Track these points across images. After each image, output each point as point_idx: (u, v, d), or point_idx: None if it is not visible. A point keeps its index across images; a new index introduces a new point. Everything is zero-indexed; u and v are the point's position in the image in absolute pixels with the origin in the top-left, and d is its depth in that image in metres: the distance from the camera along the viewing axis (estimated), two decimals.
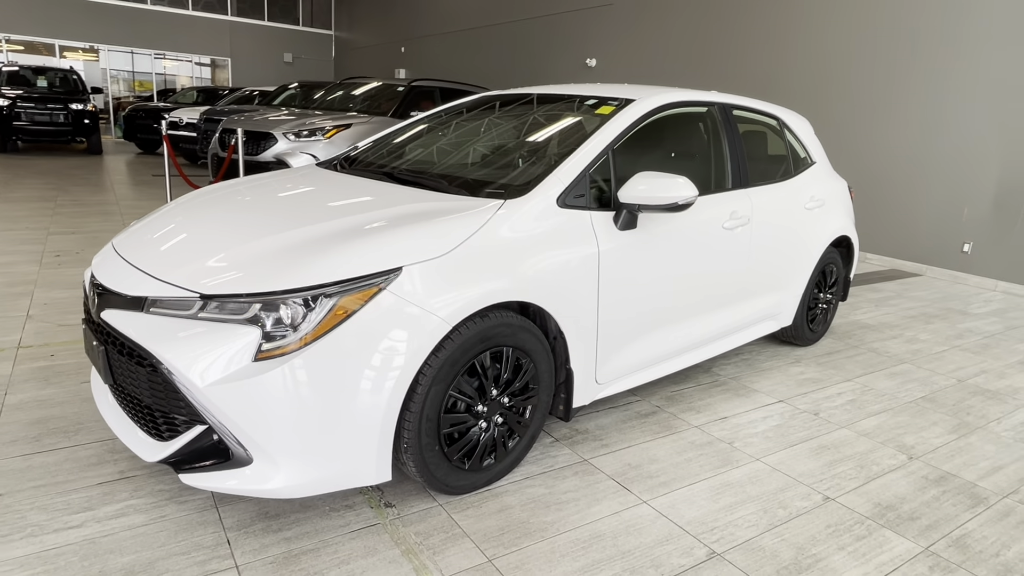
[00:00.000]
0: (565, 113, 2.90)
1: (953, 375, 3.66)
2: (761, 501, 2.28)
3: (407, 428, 1.93)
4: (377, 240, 1.92)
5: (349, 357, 1.78)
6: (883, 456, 2.67)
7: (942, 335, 4.41)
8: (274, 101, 10.92)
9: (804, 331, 3.86)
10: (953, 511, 2.30)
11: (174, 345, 1.77)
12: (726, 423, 2.87)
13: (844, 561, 1.98)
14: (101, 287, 2.04)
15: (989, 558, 2.05)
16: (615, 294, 2.45)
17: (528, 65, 11.22)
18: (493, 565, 1.86)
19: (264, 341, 1.76)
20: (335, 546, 1.90)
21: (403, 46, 14.87)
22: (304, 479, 1.81)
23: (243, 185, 2.67)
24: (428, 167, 2.77)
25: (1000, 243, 5.90)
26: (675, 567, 1.90)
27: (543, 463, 2.44)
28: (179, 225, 2.25)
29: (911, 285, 5.92)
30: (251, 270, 1.84)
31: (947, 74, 6.05)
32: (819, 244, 3.69)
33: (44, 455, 2.26)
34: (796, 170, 3.62)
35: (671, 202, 2.35)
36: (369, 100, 8.11)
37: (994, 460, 2.70)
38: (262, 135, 6.69)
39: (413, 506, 2.12)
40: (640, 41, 9.15)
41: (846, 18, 6.76)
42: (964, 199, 6.09)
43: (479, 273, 2.02)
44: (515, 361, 2.17)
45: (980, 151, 5.93)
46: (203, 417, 1.78)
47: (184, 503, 2.05)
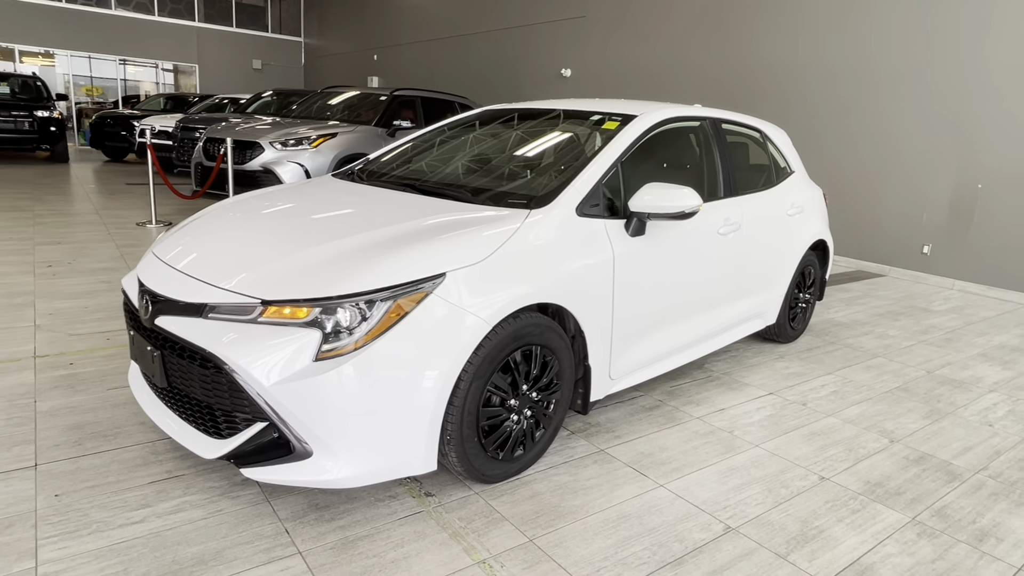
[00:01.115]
0: (573, 128, 3.10)
1: (922, 367, 3.97)
2: (765, 482, 2.50)
3: (450, 421, 2.09)
4: (423, 248, 2.08)
5: (402, 356, 1.94)
6: (868, 440, 2.93)
7: (909, 331, 4.75)
8: (248, 109, 10.92)
9: (786, 329, 4.14)
10: (933, 486, 2.56)
11: (239, 348, 1.90)
12: (724, 414, 3.10)
13: (843, 531, 2.21)
14: (154, 295, 2.15)
15: (967, 525, 2.31)
16: (627, 295, 2.66)
17: (504, 75, 11.43)
18: (535, 544, 2.03)
19: (324, 342, 1.91)
20: (387, 532, 2.04)
21: (376, 54, 14.94)
22: (360, 470, 1.96)
23: (273, 196, 2.80)
24: (449, 179, 2.94)
25: (956, 245, 6.33)
26: (697, 540, 2.11)
27: (563, 454, 2.62)
28: (222, 235, 2.37)
29: (877, 285, 6.30)
30: (308, 277, 1.99)
31: (903, 84, 6.47)
32: (799, 248, 3.97)
33: (89, 458, 2.35)
34: (778, 179, 3.89)
35: (679, 210, 2.57)
36: (351, 109, 8.21)
37: (964, 441, 2.98)
38: (248, 144, 6.74)
39: (451, 495, 2.27)
40: (613, 52, 9.45)
41: (810, 32, 7.15)
42: (923, 204, 6.51)
43: (512, 277, 2.19)
44: (542, 359, 2.35)
45: (937, 159, 6.35)
46: (266, 414, 1.92)
47: (237, 498, 2.17)
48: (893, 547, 2.15)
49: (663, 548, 2.06)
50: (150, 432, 2.56)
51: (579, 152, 2.85)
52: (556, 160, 2.87)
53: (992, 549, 2.17)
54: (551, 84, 10.50)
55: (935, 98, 6.27)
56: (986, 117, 5.97)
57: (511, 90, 11.28)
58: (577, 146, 2.93)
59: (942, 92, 6.22)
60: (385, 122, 7.80)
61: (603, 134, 2.92)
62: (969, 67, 6.02)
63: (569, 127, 3.12)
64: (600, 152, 2.72)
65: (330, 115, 8.10)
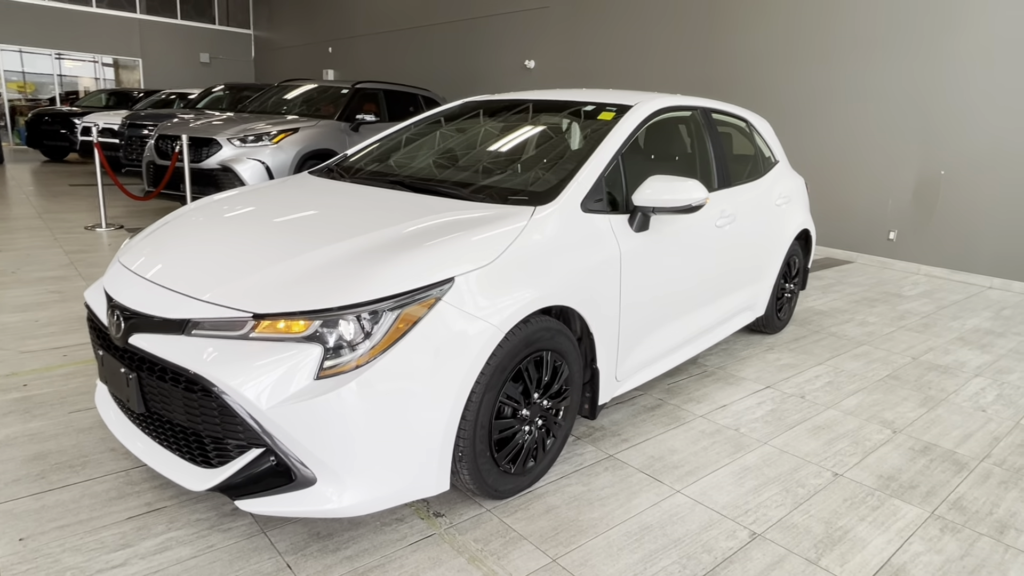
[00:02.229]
0: (566, 119, 2.96)
1: (907, 353, 4.00)
2: (780, 482, 2.43)
3: (462, 437, 1.94)
4: (430, 251, 1.92)
5: (412, 370, 1.78)
6: (871, 432, 2.90)
7: (887, 317, 4.80)
8: (198, 104, 10.43)
9: (774, 320, 4.11)
10: (943, 477, 2.54)
11: (229, 367, 1.70)
12: (727, 411, 3.03)
13: (868, 531, 2.15)
14: (127, 310, 1.93)
15: (985, 516, 2.28)
16: (633, 294, 2.55)
17: (465, 66, 11.22)
18: (559, 564, 1.91)
19: (326, 358, 1.73)
20: (399, 560, 1.88)
21: (331, 46, 14.50)
22: (369, 496, 1.79)
23: (250, 197, 2.58)
24: (440, 175, 2.77)
25: (921, 231, 6.46)
26: (725, 550, 2.01)
27: (572, 461, 2.50)
28: (198, 241, 2.16)
29: (847, 272, 6.38)
30: (305, 286, 1.80)
31: (868, 77, 6.56)
32: (786, 238, 3.94)
33: (56, 493, 2.11)
34: (765, 169, 3.84)
35: (685, 204, 2.46)
36: (311, 103, 7.89)
37: (963, 428, 2.98)
38: (204, 141, 6.39)
39: (462, 514, 2.13)
40: (577, 43, 9.35)
41: (778, 24, 7.19)
42: (888, 192, 6.62)
43: (522, 279, 2.05)
44: (553, 364, 2.22)
45: (901, 148, 6.46)
46: (263, 440, 1.73)
47: (228, 530, 1.98)
48: (920, 545, 2.10)
49: (692, 560, 1.96)
50: (123, 459, 2.33)
51: (575, 145, 2.72)
52: (553, 154, 2.73)
53: (1015, 541, 2.15)
54: (515, 76, 10.34)
55: (899, 90, 6.37)
56: (947, 108, 6.09)
57: (473, 83, 11.07)
58: (573, 138, 2.80)
59: (905, 85, 6.32)
60: (348, 116, 7.53)
61: (599, 125, 2.79)
62: (931, 61, 6.12)
63: (561, 119, 2.99)
64: (600, 144, 2.59)
65: (287, 110, 7.77)
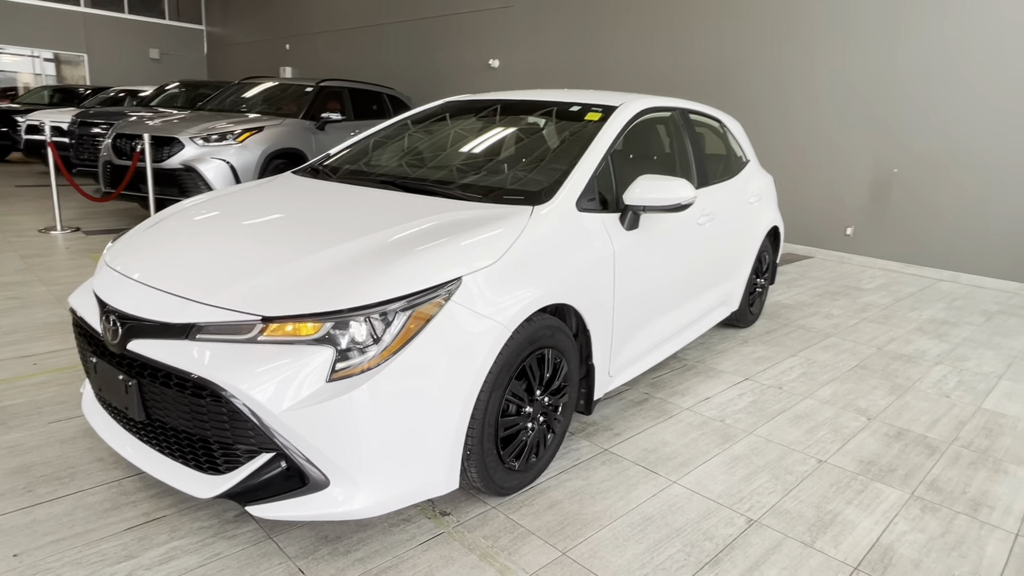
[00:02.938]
0: (553, 120, 3.00)
1: (872, 344, 4.18)
2: (769, 470, 2.53)
3: (471, 435, 1.96)
4: (436, 251, 1.92)
5: (425, 369, 1.79)
6: (848, 420, 3.03)
7: (849, 310, 5.00)
8: (152, 102, 10.10)
9: (746, 314, 4.24)
10: (918, 460, 2.68)
11: (240, 371, 1.68)
12: (710, 403, 3.12)
13: (856, 514, 2.26)
14: (124, 315, 1.88)
15: (960, 496, 2.42)
16: (625, 290, 2.60)
17: (429, 65, 11.16)
18: (568, 557, 1.94)
19: (338, 360, 1.72)
20: (411, 560, 1.89)
21: (287, 43, 14.21)
22: (384, 496, 1.79)
23: (240, 197, 2.53)
24: (430, 175, 2.77)
25: (876, 226, 6.74)
26: (725, 537, 2.08)
27: (569, 456, 2.54)
28: (193, 243, 2.11)
29: (808, 267, 6.61)
30: (313, 288, 1.79)
31: (824, 79, 6.81)
32: (759, 234, 4.07)
33: (47, 506, 2.04)
34: (737, 168, 3.96)
35: (675, 203, 2.53)
36: (273, 101, 7.73)
37: (930, 414, 3.15)
38: (165, 140, 6.19)
39: (468, 512, 2.14)
40: (541, 42, 9.41)
41: (738, 28, 7.39)
42: (845, 189, 6.89)
43: (525, 278, 2.08)
44: (554, 361, 2.26)
45: (856, 147, 6.73)
46: (275, 444, 1.71)
47: (233, 537, 1.94)
48: (904, 525, 2.21)
49: (696, 548, 2.02)
50: (113, 469, 2.26)
51: (565, 144, 2.76)
52: (543, 154, 2.76)
53: (988, 517, 2.29)
54: (479, 75, 10.34)
55: (853, 91, 6.63)
56: (899, 108, 6.37)
57: (436, 81, 11.02)
58: (562, 138, 2.84)
59: (859, 86, 6.58)
60: (313, 115, 7.41)
61: (587, 126, 2.84)
62: (882, 64, 6.40)
63: (548, 119, 3.02)
64: (590, 144, 2.64)
65: (247, 108, 7.58)
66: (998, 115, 5.80)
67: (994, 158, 5.88)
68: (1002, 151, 5.83)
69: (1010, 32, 5.64)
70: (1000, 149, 5.84)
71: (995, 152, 5.87)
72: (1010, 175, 5.81)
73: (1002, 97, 5.76)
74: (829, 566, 1.97)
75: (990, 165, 5.91)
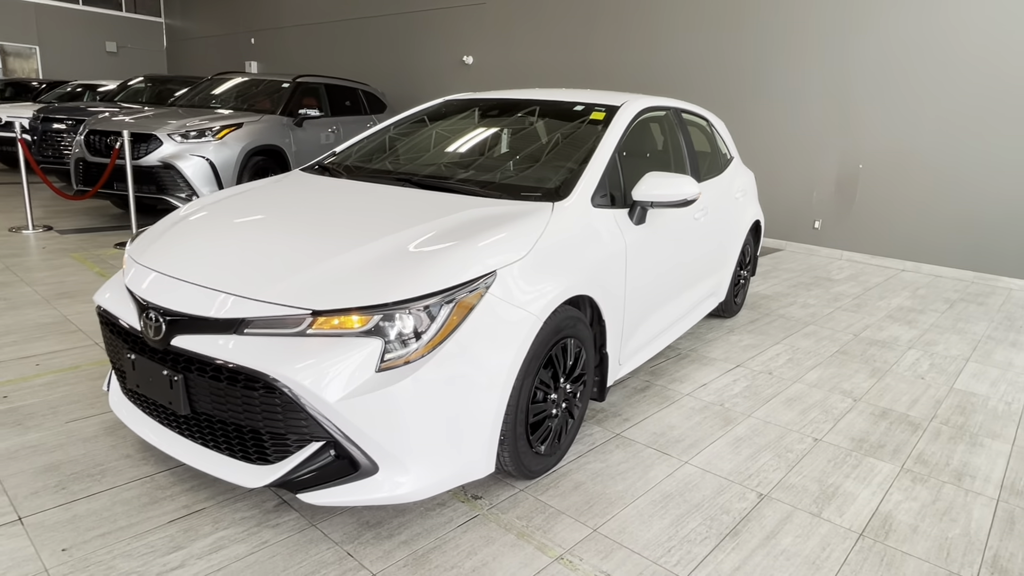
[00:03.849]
0: (558, 119, 3.10)
1: (848, 331, 4.42)
2: (771, 449, 2.69)
3: (506, 421, 2.05)
4: (472, 245, 2.01)
5: (467, 359, 1.88)
6: (836, 401, 3.22)
7: (823, 299, 5.26)
8: (116, 98, 9.85)
9: (731, 304, 4.43)
10: (903, 437, 2.88)
11: (294, 364, 1.74)
12: (708, 388, 3.28)
13: (854, 486, 2.44)
14: (169, 312, 1.92)
15: (944, 467, 2.63)
16: (634, 282, 2.73)
17: (402, 61, 11.13)
18: (600, 533, 2.06)
19: (387, 351, 1.80)
20: (454, 540, 1.98)
21: (253, 37, 13.96)
22: (430, 480, 1.88)
23: (261, 194, 2.56)
24: (444, 173, 2.84)
25: (842, 219, 7.06)
26: (741, 510, 2.23)
27: (584, 442, 2.66)
28: (228, 240, 2.15)
29: (780, 259, 6.89)
30: (359, 282, 1.86)
31: (793, 78, 7.08)
32: (744, 228, 4.26)
33: (83, 503, 2.06)
34: (724, 165, 4.14)
35: (682, 198, 2.67)
36: (249, 97, 7.64)
37: (909, 395, 3.37)
38: (143, 137, 6.08)
39: (498, 495, 2.24)
40: (515, 40, 9.50)
41: (708, 27, 7.61)
42: (813, 184, 7.19)
43: (551, 271, 2.18)
44: (576, 350, 2.37)
45: (824, 143, 7.03)
46: (328, 433, 1.78)
47: (277, 526, 2.00)
48: (898, 495, 2.40)
49: (715, 521, 2.16)
50: (143, 465, 2.28)
51: (573, 143, 2.87)
52: (553, 152, 2.87)
53: (971, 486, 2.49)
54: (453, 72, 10.37)
55: (820, 90, 6.92)
56: (864, 106, 6.68)
57: (408, 78, 11.01)
58: (570, 137, 2.95)
59: (826, 84, 6.87)
60: (290, 111, 7.36)
61: (593, 124, 2.95)
62: (847, 63, 6.69)
63: (554, 118, 3.12)
64: (600, 143, 2.75)
65: (220, 104, 7.47)
66: (953, 118, 6.15)
67: (950, 157, 6.23)
68: (957, 151, 6.18)
69: (962, 40, 5.98)
70: (955, 149, 6.19)
71: (951, 151, 6.22)
72: (965, 172, 6.17)
73: (957, 100, 6.10)
74: (837, 533, 2.14)
75: (947, 163, 6.26)
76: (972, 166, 6.14)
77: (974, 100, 6.03)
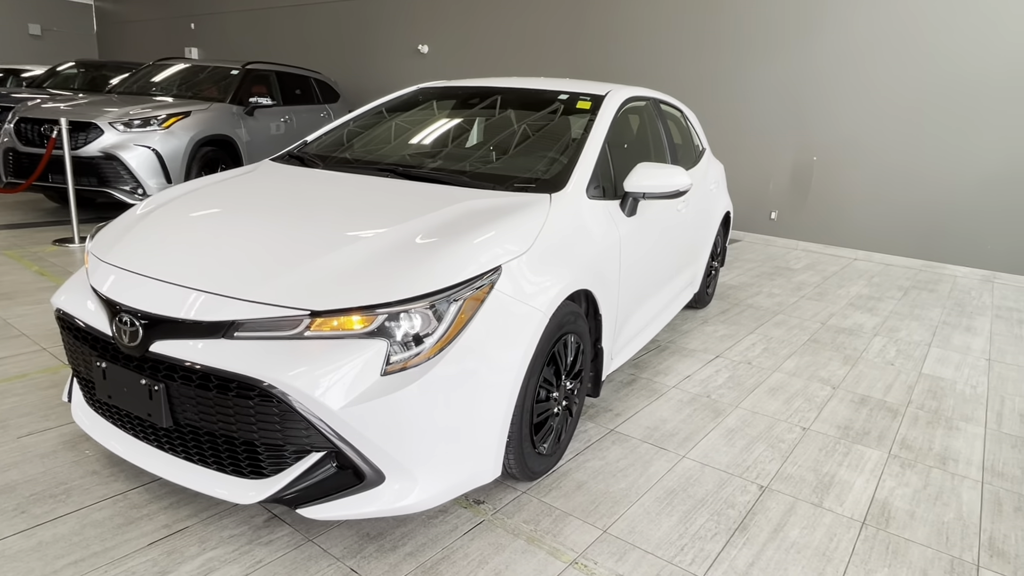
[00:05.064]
0: (544, 108, 3.02)
1: (816, 319, 4.51)
2: (764, 440, 2.70)
3: (512, 423, 1.97)
4: (476, 240, 1.91)
5: (476, 359, 1.78)
6: (816, 390, 3.27)
7: (787, 288, 5.37)
8: (45, 84, 9.22)
9: (704, 295, 4.46)
10: (885, 423, 2.94)
11: (294, 369, 1.61)
12: (692, 380, 3.28)
13: (849, 474, 2.46)
14: (146, 315, 1.74)
15: (928, 452, 2.69)
16: (627, 275, 2.68)
17: (352, 49, 10.80)
18: (610, 534, 2.00)
19: (392, 353, 1.68)
20: (462, 550, 1.88)
21: (193, 22, 13.29)
22: (438, 488, 1.78)
23: (235, 185, 2.38)
24: (431, 163, 2.71)
25: (797, 210, 7.24)
26: (745, 503, 2.22)
27: (580, 439, 2.60)
28: (207, 234, 1.97)
29: (739, 249, 7.01)
30: (360, 280, 1.73)
31: (749, 72, 7.20)
32: (717, 219, 4.28)
33: (49, 527, 1.86)
34: (698, 156, 4.14)
35: (674, 189, 2.62)
36: (195, 84, 7.24)
37: (883, 381, 3.46)
38: (81, 125, 5.67)
39: (500, 499, 2.15)
40: (471, 29, 9.34)
41: (666, 16, 7.65)
42: (769, 176, 7.34)
43: (554, 265, 2.10)
44: (575, 346, 2.30)
45: (779, 136, 7.18)
46: (331, 442, 1.65)
47: (270, 543, 1.86)
48: (891, 481, 2.43)
49: (722, 516, 2.14)
50: (112, 482, 2.09)
51: (563, 133, 2.79)
52: (543, 142, 2.78)
53: (956, 469, 2.56)
54: (407, 60, 10.13)
55: (776, 84, 7.06)
56: (817, 100, 6.85)
57: (360, 66, 10.70)
58: (557, 127, 2.87)
59: (782, 80, 7.02)
60: (240, 99, 7.02)
61: (580, 114, 2.88)
62: (802, 58, 6.85)
63: (538, 107, 3.04)
64: (589, 133, 2.68)
65: (158, 91, 7.05)
66: (901, 112, 6.37)
67: (900, 150, 6.46)
68: (906, 144, 6.41)
69: (911, 38, 6.19)
70: (904, 142, 6.41)
71: (901, 145, 6.44)
72: (913, 165, 6.40)
73: (905, 96, 6.32)
74: (841, 523, 2.15)
75: (897, 156, 6.49)
76: (920, 158, 6.38)
77: (922, 95, 6.26)
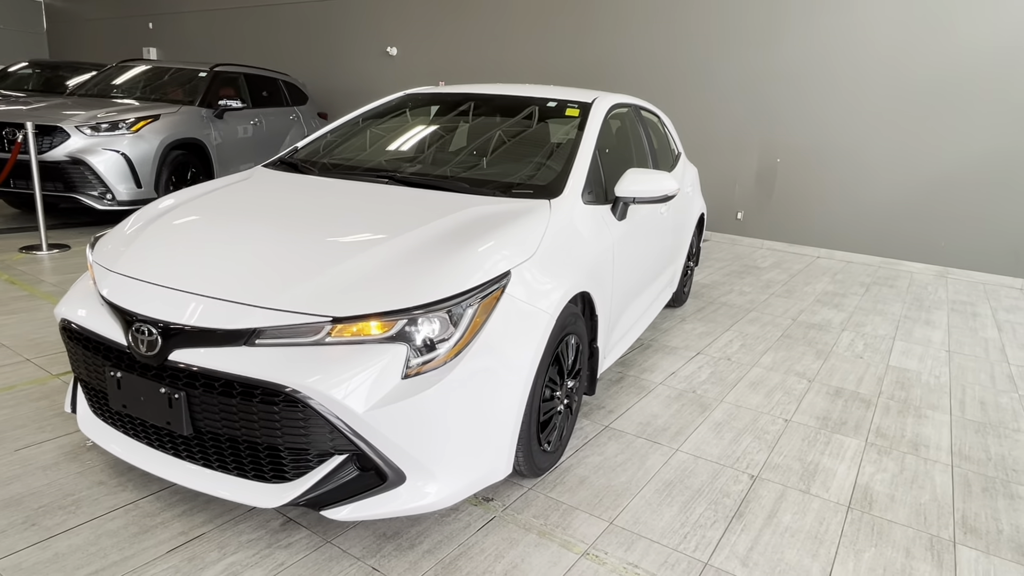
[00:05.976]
0: (533, 115, 3.10)
1: (787, 316, 4.71)
2: (750, 432, 2.83)
3: (522, 421, 2.04)
4: (488, 245, 1.97)
5: (492, 361, 1.85)
6: (794, 383, 3.43)
7: (757, 287, 5.57)
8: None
9: (681, 294, 4.61)
10: (860, 413, 3.11)
11: (318, 374, 1.65)
12: (677, 376, 3.40)
13: (832, 462, 2.61)
14: (167, 324, 1.76)
15: (902, 439, 2.86)
16: (618, 276, 2.78)
17: (319, 51, 10.70)
18: (616, 526, 2.09)
19: (411, 357, 1.74)
20: (477, 545, 1.95)
21: (151, 22, 12.96)
22: (458, 485, 1.84)
23: (237, 192, 2.39)
24: (428, 170, 2.76)
25: (762, 211, 7.49)
26: (739, 493, 2.34)
27: (577, 435, 2.69)
28: (218, 242, 1.99)
29: (708, 249, 7.22)
30: (378, 287, 1.78)
31: (715, 76, 7.43)
32: (693, 220, 4.43)
33: (63, 538, 1.86)
34: (675, 160, 4.28)
35: (663, 194, 2.74)
36: (160, 87, 7.10)
37: (855, 374, 3.64)
38: (46, 129, 5.51)
39: (508, 496, 2.22)
40: (439, 32, 9.38)
41: (634, 26, 7.83)
42: (735, 177, 7.58)
43: (557, 268, 2.18)
44: (576, 346, 2.38)
45: (745, 138, 7.42)
46: (355, 444, 1.70)
47: (289, 546, 1.89)
48: (870, 467, 2.59)
49: (719, 505, 2.25)
50: (120, 491, 2.09)
51: (554, 139, 2.88)
52: (536, 149, 2.86)
53: (927, 454, 2.73)
54: (376, 63, 10.10)
55: (739, 89, 7.30)
56: (781, 104, 7.11)
57: (327, 68, 10.61)
58: (548, 133, 2.95)
59: (745, 83, 7.26)
60: (209, 102, 6.91)
61: (569, 120, 2.97)
62: (765, 63, 7.10)
63: (529, 114, 3.11)
64: (581, 139, 2.78)
65: (121, 94, 6.89)
66: (860, 115, 6.67)
67: (859, 152, 6.75)
68: (866, 147, 6.71)
69: (869, 44, 6.49)
70: (864, 145, 6.71)
71: (860, 147, 6.74)
72: (871, 165, 6.71)
73: (863, 99, 6.62)
74: (828, 507, 2.29)
75: (856, 158, 6.78)
76: (877, 159, 6.68)
77: (879, 99, 6.56)
